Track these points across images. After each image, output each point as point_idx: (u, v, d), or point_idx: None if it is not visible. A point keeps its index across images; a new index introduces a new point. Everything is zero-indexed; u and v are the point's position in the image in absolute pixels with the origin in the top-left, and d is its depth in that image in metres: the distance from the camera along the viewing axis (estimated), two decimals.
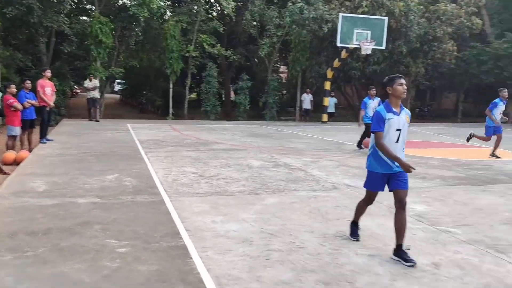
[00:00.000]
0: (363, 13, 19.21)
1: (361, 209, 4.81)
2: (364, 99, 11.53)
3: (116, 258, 4.00)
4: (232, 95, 25.36)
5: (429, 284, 3.80)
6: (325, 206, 6.13)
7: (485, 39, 24.31)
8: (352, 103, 26.18)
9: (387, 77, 4.38)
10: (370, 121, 10.38)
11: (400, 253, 4.24)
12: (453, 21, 20.75)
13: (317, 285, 3.68)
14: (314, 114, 23.70)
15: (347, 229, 5.13)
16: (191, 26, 21.80)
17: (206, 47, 21.59)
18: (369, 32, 18.41)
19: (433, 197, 6.85)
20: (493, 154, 11.16)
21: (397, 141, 4.26)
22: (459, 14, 20.81)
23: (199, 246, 4.38)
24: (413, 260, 4.15)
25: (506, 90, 11.15)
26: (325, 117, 21.01)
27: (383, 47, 18.99)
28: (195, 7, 22.07)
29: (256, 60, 26.46)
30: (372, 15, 19.24)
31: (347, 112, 27.21)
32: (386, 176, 4.33)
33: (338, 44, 18.61)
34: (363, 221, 5.46)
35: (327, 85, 20.74)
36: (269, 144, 12.35)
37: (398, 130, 4.25)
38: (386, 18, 18.92)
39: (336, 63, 19.89)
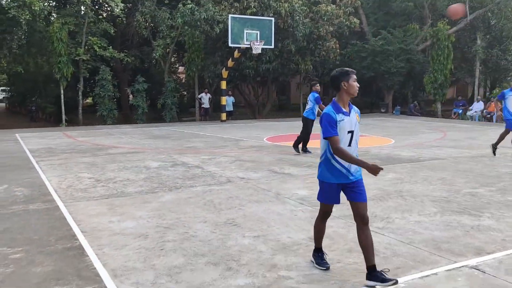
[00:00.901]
0: (251, 13, 20.07)
1: (319, 229, 4.15)
2: (316, 95, 10.45)
3: (10, 264, 4.08)
4: (131, 98, 24.90)
5: (304, 254, 4.43)
6: (219, 198, 6.60)
7: (364, 37, 26.66)
8: (249, 101, 27.13)
9: (338, 70, 3.83)
10: (312, 118, 10.51)
11: (375, 274, 3.66)
12: (334, 21, 22.48)
13: (206, 266, 4.12)
14: (214, 114, 24.20)
15: (237, 216, 5.65)
16: (79, 28, 21.04)
17: (97, 49, 20.98)
18: (258, 32, 19.31)
19: (316, 183, 7.60)
20: (495, 145, 10.12)
21: (349, 145, 3.75)
22: (339, 14, 22.61)
23: (95, 245, 4.59)
24: (392, 278, 3.63)
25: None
26: (223, 115, 21.60)
27: (272, 46, 20.05)
28: (82, 8, 21.32)
29: (153, 61, 26.27)
30: (261, 15, 20.20)
31: (246, 110, 28.13)
32: (341, 186, 3.84)
33: (230, 45, 19.27)
34: (249, 208, 6.04)
35: (223, 85, 21.35)
36: (168, 145, 12.56)
37: (350, 132, 3.75)
38: (273, 19, 19.98)
39: (230, 62, 20.55)
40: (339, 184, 3.81)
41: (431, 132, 15.64)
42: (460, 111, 23.41)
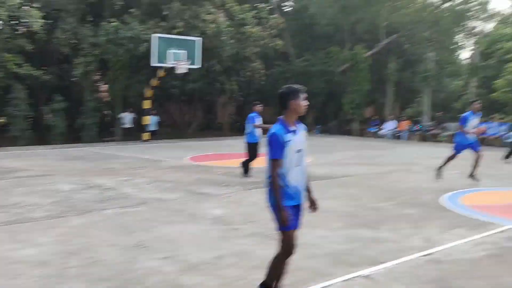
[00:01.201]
0: (178, 33, 20.12)
1: (280, 266, 3.79)
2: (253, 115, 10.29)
3: None
4: (48, 117, 23.76)
5: (210, 273, 4.50)
6: (131, 220, 6.49)
7: (288, 58, 27.65)
8: (175, 120, 26.98)
9: (287, 88, 3.67)
10: (253, 141, 10.08)
11: None
12: (259, 42, 23.15)
13: None
14: (137, 133, 23.68)
15: (148, 239, 5.59)
16: None
17: (13, 67, 19.88)
18: (184, 51, 19.37)
19: (231, 201, 7.80)
20: (472, 176, 9.15)
21: (298, 165, 3.64)
22: (264, 36, 23.31)
23: None
24: None
25: (479, 101, 9.44)
26: (146, 135, 21.21)
27: (199, 65, 20.19)
28: None
29: (74, 79, 25.31)
30: (187, 35, 20.30)
31: (171, 129, 27.88)
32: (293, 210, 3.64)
33: (154, 64, 19.13)
34: (162, 229, 6.01)
35: (147, 104, 21.07)
36: (84, 166, 12.09)
37: (299, 151, 3.62)
38: (200, 39, 20.16)
39: (154, 81, 20.38)
40: (293, 206, 3.62)
41: (346, 151, 16.44)
42: (374, 130, 24.89)
